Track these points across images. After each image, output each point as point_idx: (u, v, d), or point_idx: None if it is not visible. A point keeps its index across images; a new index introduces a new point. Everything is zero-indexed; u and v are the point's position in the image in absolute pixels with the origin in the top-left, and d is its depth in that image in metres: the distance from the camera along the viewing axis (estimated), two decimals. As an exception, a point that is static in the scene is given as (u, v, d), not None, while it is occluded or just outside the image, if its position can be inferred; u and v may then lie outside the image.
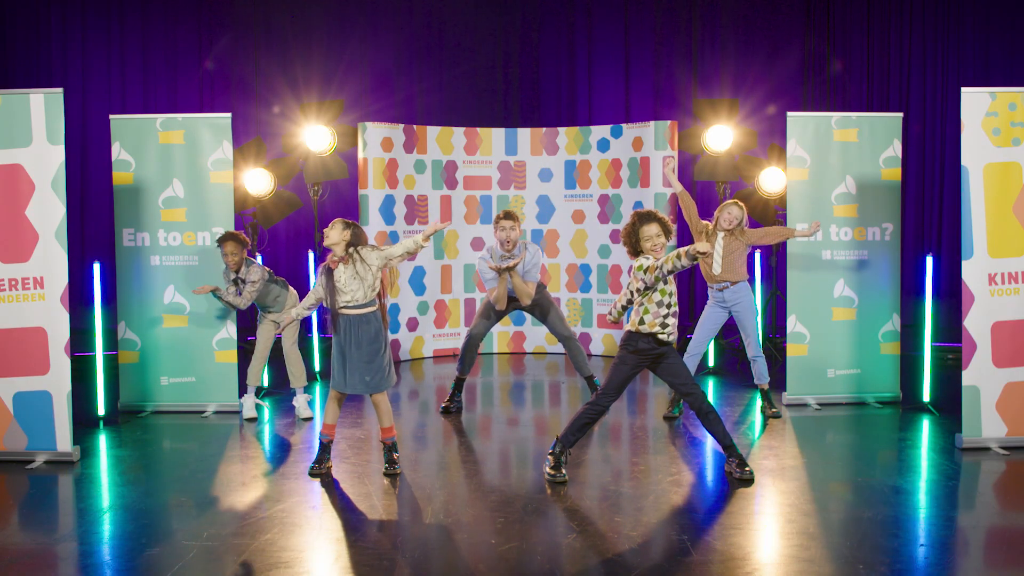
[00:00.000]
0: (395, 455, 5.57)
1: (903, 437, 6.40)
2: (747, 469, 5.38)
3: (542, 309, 7.07)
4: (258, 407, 7.13)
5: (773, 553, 4.37)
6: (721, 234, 6.75)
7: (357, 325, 5.42)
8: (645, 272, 5.10)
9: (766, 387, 6.94)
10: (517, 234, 6.79)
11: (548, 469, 5.42)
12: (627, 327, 5.36)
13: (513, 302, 7.00)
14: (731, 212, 6.73)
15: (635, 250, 5.22)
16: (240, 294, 6.83)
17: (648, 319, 5.23)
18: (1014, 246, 5.99)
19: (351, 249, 5.41)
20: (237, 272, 6.81)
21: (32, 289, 5.83)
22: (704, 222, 6.84)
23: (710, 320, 6.82)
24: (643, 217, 5.19)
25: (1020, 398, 6.03)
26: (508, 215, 6.76)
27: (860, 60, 10.69)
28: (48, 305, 5.83)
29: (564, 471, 5.41)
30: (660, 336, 5.24)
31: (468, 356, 7.11)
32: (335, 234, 5.40)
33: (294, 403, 7.05)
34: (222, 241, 6.77)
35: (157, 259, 7.14)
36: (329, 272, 5.43)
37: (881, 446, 6.20)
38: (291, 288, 7.08)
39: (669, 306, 5.21)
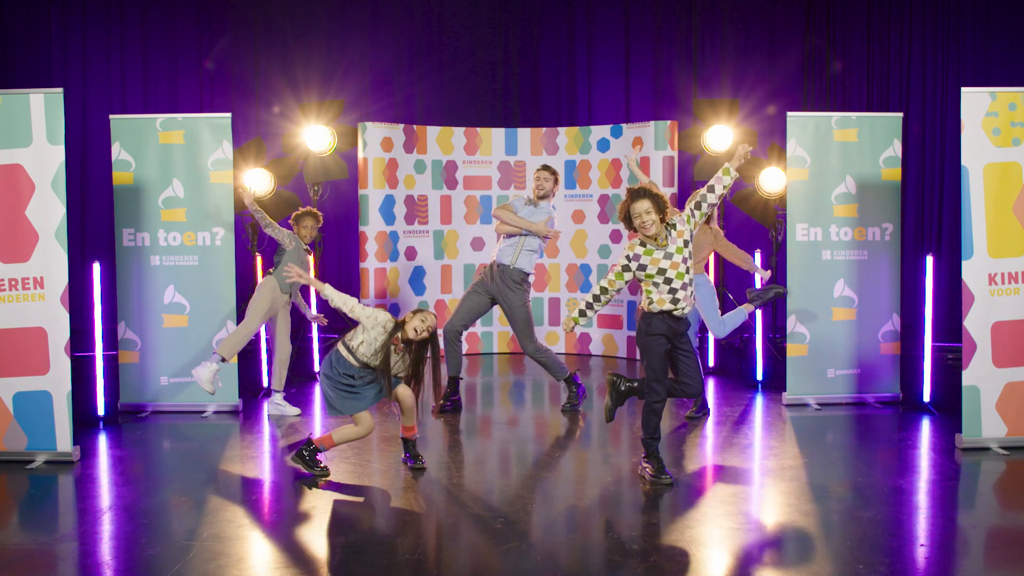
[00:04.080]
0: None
1: (903, 437, 6.40)
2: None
3: (508, 314, 7.09)
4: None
5: (773, 553, 4.37)
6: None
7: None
8: (623, 270, 5.27)
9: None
10: (551, 187, 7.09)
11: (649, 475, 5.33)
12: (640, 308, 5.36)
13: (489, 302, 7.13)
14: None
15: (631, 226, 5.26)
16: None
17: (655, 298, 5.23)
18: (1014, 246, 5.99)
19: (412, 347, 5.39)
20: (308, 244, 7.15)
21: (32, 289, 5.83)
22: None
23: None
24: (634, 194, 5.21)
25: (1020, 398, 6.02)
26: (546, 167, 7.13)
27: (860, 60, 10.68)
28: (48, 305, 5.83)
29: (667, 473, 5.31)
30: (675, 312, 5.23)
31: (451, 353, 7.11)
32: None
33: (277, 403, 7.03)
34: (302, 217, 7.08)
35: (157, 259, 7.13)
36: (391, 348, 5.34)
37: (881, 446, 6.20)
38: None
39: (668, 281, 5.19)
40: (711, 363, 8.63)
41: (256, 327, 6.87)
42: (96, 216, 10.36)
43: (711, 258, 7.74)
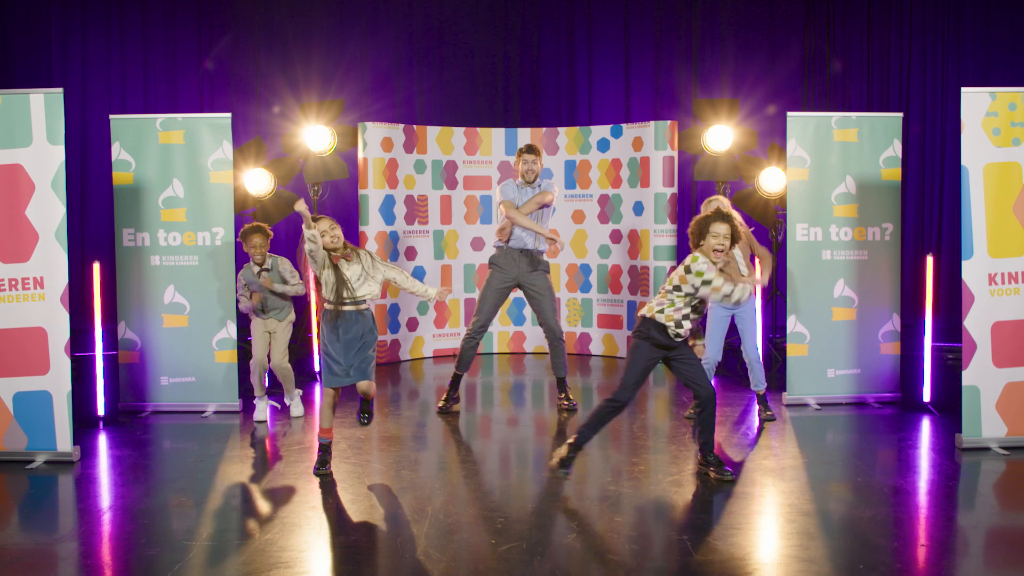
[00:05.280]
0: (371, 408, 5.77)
1: (903, 437, 6.40)
2: (726, 470, 5.38)
3: (538, 297, 7.06)
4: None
5: (773, 553, 4.37)
6: None
7: (361, 319, 5.51)
8: (703, 284, 5.11)
9: (762, 392, 6.89)
10: (539, 167, 7.04)
11: (555, 460, 5.40)
12: (643, 312, 5.34)
13: (511, 290, 7.14)
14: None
15: (697, 243, 5.22)
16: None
17: (669, 312, 5.22)
18: (1014, 246, 5.99)
19: (356, 249, 5.56)
20: (261, 265, 6.81)
21: (32, 289, 5.83)
22: None
23: (719, 324, 6.70)
24: (721, 215, 5.17)
25: (1020, 398, 6.03)
26: (531, 148, 7.02)
27: (860, 60, 10.68)
28: (48, 305, 5.83)
29: (569, 468, 5.39)
30: (672, 332, 5.22)
31: (466, 353, 7.11)
32: (340, 231, 5.49)
33: (286, 401, 7.08)
34: (248, 234, 6.78)
35: (157, 259, 7.14)
36: (335, 266, 5.45)
37: (881, 446, 6.20)
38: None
39: (695, 308, 5.21)
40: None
41: (262, 356, 6.90)
42: (96, 216, 10.36)
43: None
